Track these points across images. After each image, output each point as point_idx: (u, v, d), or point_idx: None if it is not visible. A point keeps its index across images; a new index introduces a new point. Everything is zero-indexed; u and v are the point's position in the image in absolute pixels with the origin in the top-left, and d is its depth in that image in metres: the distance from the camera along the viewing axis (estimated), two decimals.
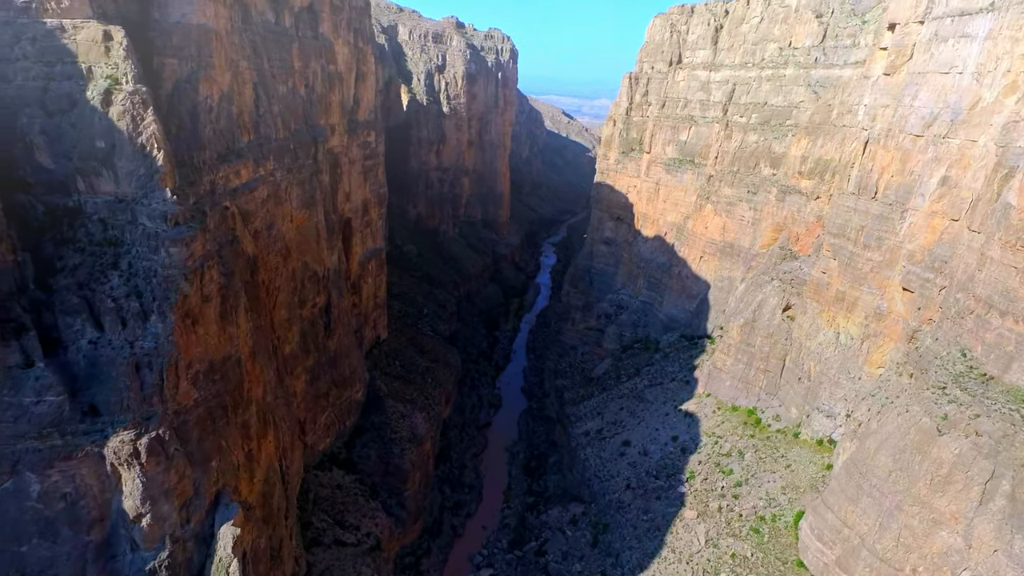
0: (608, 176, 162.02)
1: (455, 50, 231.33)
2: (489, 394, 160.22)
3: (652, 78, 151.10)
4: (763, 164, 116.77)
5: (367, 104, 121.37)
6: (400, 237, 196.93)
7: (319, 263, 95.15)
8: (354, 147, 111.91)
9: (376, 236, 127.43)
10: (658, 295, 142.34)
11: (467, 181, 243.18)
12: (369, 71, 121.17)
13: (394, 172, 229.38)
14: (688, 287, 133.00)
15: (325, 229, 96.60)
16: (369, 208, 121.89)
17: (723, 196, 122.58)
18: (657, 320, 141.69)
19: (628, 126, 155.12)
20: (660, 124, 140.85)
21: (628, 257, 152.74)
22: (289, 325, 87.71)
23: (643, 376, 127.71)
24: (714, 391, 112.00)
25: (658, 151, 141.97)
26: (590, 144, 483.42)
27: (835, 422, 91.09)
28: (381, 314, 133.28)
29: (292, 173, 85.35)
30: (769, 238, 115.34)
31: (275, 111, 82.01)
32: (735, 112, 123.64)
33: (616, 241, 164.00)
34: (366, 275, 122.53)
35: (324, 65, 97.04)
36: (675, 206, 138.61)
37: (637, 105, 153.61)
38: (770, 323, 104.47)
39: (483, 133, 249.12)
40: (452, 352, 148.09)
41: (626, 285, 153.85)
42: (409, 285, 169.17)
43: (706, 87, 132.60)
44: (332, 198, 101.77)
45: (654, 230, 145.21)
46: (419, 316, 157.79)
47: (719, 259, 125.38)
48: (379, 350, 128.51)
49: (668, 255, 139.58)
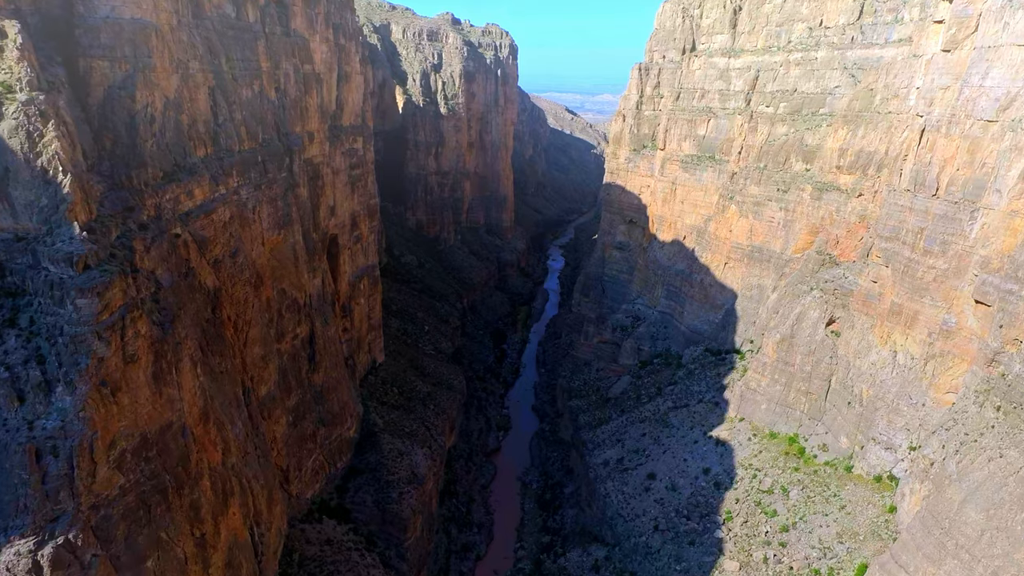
0: (619, 176, 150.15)
1: (451, 48, 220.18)
2: (498, 415, 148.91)
3: (664, 68, 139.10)
4: (794, 159, 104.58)
5: (353, 107, 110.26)
6: (399, 247, 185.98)
7: (299, 289, 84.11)
8: (338, 156, 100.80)
9: (368, 252, 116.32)
10: (678, 305, 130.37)
11: (468, 185, 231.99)
12: (354, 71, 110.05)
13: (391, 178, 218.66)
14: (712, 296, 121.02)
15: (305, 250, 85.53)
16: (359, 222, 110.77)
17: (749, 196, 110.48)
18: (678, 333, 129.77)
19: (639, 121, 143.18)
20: (675, 118, 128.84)
21: (643, 264, 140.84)
22: (265, 363, 76.67)
23: (666, 397, 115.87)
24: (748, 415, 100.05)
25: (673, 147, 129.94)
26: (595, 141, 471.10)
27: (896, 456, 78.98)
28: (377, 336, 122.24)
29: (261, 189, 74.30)
30: (804, 241, 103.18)
31: (238, 119, 70.97)
32: (760, 102, 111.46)
33: (629, 246, 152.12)
34: (358, 296, 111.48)
35: (298, 65, 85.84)
36: (694, 207, 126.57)
37: (648, 98, 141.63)
38: (811, 339, 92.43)
39: (483, 134, 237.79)
40: (456, 373, 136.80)
41: (642, 294, 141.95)
42: (408, 300, 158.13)
43: (725, 75, 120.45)
44: (313, 214, 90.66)
45: (671, 234, 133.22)
46: (420, 334, 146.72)
47: (747, 265, 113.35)
48: (375, 376, 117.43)
49: (688, 261, 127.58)
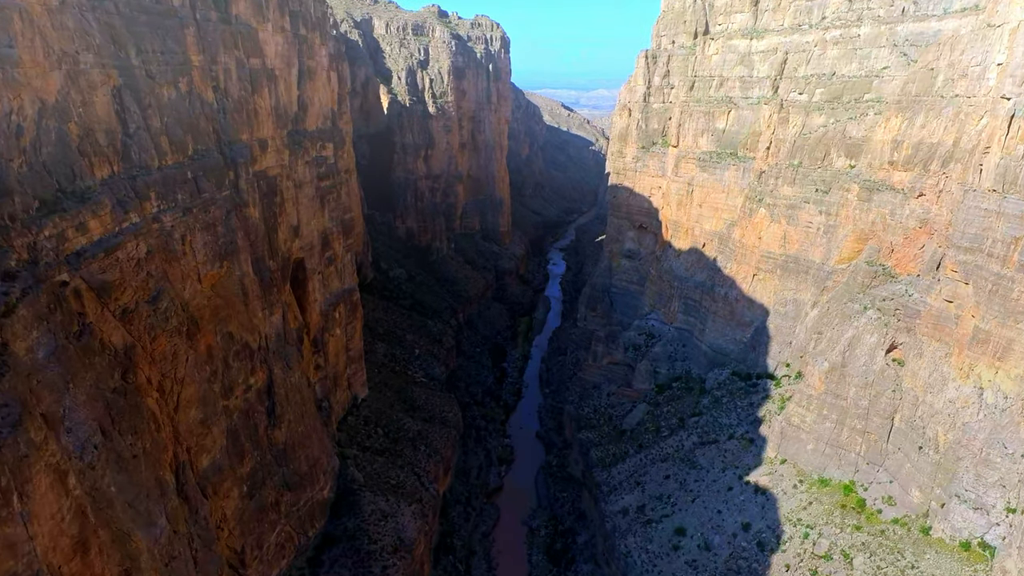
0: (625, 177, 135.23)
1: (438, 42, 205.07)
2: (499, 446, 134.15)
3: (673, 55, 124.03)
4: (835, 153, 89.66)
5: (319, 109, 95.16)
6: (386, 260, 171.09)
7: (251, 331, 69.19)
8: (301, 166, 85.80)
9: (344, 274, 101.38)
10: (698, 321, 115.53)
11: (461, 188, 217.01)
12: (319, 66, 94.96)
13: (378, 184, 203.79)
14: (738, 312, 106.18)
15: (257, 283, 70.63)
16: (331, 241, 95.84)
17: (782, 197, 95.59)
18: (699, 352, 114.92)
19: (647, 115, 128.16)
20: (689, 110, 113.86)
21: (656, 274, 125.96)
22: (206, 427, 61.77)
23: (690, 430, 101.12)
24: (791, 456, 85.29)
25: (688, 143, 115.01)
26: (593, 137, 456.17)
27: (989, 518, 64.23)
28: (357, 369, 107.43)
29: (193, 214, 59.36)
30: (850, 250, 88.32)
31: (156, 127, 56.14)
32: (790, 88, 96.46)
33: (640, 254, 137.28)
34: (332, 327, 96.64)
35: (242, 59, 70.79)
36: (715, 211, 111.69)
37: (657, 89, 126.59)
38: (868, 368, 77.60)
39: (476, 133, 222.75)
40: (450, 403, 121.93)
41: (656, 308, 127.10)
42: (397, 320, 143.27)
43: (747, 60, 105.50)
44: (268, 238, 75.68)
45: (688, 241, 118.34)
46: (409, 359, 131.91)
47: (780, 277, 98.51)
48: (356, 417, 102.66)
49: (709, 272, 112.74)
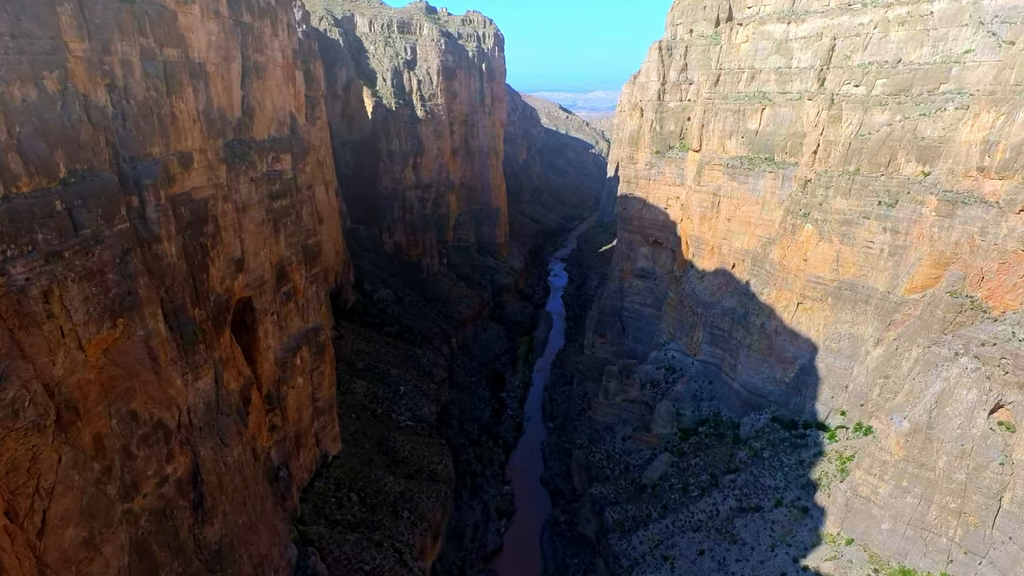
0: (638, 185, 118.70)
1: (427, 40, 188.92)
2: (498, 496, 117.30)
3: (692, 45, 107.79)
4: (904, 158, 73.14)
5: (273, 113, 78.40)
6: (371, 280, 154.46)
7: (164, 405, 52.39)
8: (245, 184, 69.03)
9: (309, 310, 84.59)
10: (728, 355, 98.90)
11: (454, 198, 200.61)
12: (272, 62, 78.30)
13: (363, 195, 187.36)
14: (778, 347, 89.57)
15: (174, 340, 53.96)
16: (290, 272, 79.04)
17: (834, 211, 79.04)
18: (729, 391, 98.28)
19: (662, 116, 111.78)
20: (714, 109, 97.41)
21: (676, 298, 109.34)
22: (92, 549, 45.15)
23: (725, 490, 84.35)
24: (860, 535, 68.59)
25: (713, 147, 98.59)
26: (592, 140, 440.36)
27: None
28: (328, 421, 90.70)
29: (65, 259, 42.85)
30: (925, 277, 71.74)
31: (4, 140, 39.89)
32: (842, 79, 79.96)
33: (655, 273, 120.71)
34: (292, 375, 79.81)
35: (152, 49, 54.12)
36: (747, 226, 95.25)
37: (673, 85, 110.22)
38: (965, 433, 60.98)
39: (469, 138, 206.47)
40: (440, 452, 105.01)
41: (676, 337, 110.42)
42: (380, 351, 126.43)
43: (784, 48, 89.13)
44: (194, 279, 59.02)
45: (715, 260, 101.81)
46: (393, 398, 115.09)
47: (831, 307, 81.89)
48: (325, 480, 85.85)
49: (741, 298, 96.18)
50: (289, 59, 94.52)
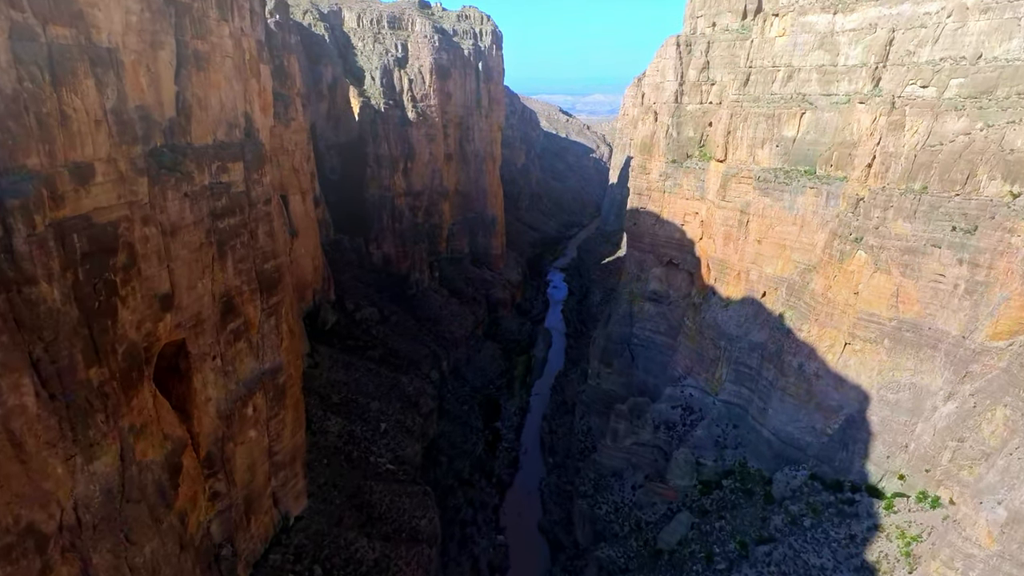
0: (651, 198, 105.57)
1: (419, 36, 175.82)
2: (490, 549, 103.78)
3: (716, 41, 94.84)
4: (987, 175, 60.03)
5: (220, 114, 64.85)
6: (353, 296, 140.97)
7: (39, 503, 39.16)
8: (175, 202, 55.56)
9: (266, 348, 71.06)
10: (757, 397, 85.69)
11: (447, 206, 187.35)
12: (218, 51, 64.89)
13: (350, 203, 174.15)
14: (819, 392, 76.36)
15: (52, 417, 40.54)
16: (240, 305, 65.51)
17: (893, 236, 65.96)
18: (758, 439, 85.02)
19: (679, 120, 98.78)
20: (742, 113, 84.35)
21: (695, 327, 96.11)
22: None
23: (758, 566, 70.94)
24: None
25: (742, 157, 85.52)
26: (593, 144, 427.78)
27: None
28: (291, 477, 77.12)
29: None
30: (1014, 320, 58.55)
31: None
32: (904, 79, 66.83)
33: (669, 297, 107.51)
34: (242, 428, 66.24)
35: (36, 28, 41.05)
36: (781, 250, 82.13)
37: (693, 86, 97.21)
38: None
39: (464, 142, 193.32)
40: (424, 504, 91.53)
41: (694, 371, 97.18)
42: (360, 381, 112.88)
43: (829, 43, 76.11)
44: (91, 329, 45.69)
45: (741, 287, 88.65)
46: (373, 438, 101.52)
47: (888, 350, 68.72)
48: (283, 550, 72.19)
49: (773, 332, 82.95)
50: (250, 50, 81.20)
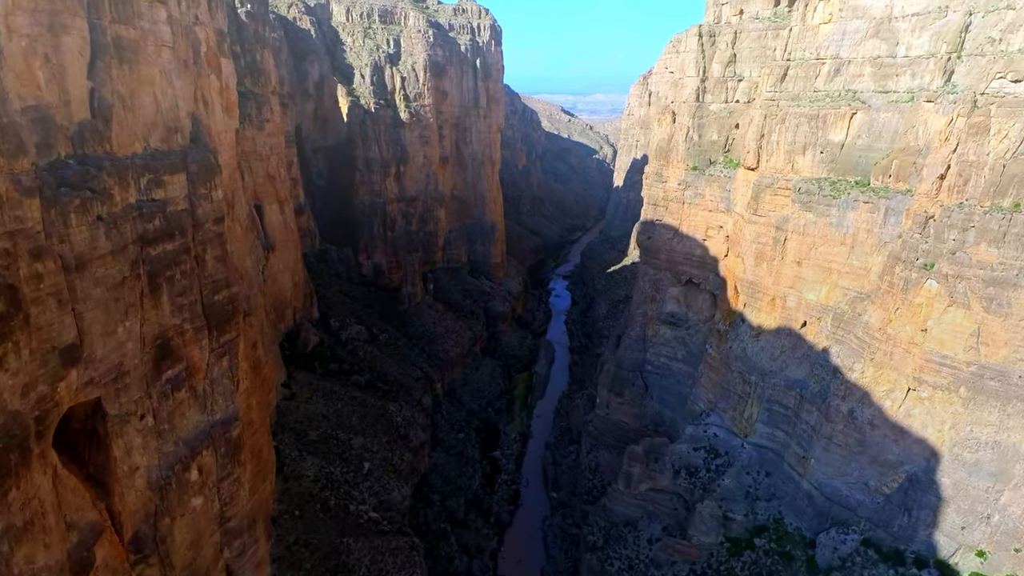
0: (668, 210, 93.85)
1: (412, 31, 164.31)
2: None
3: (743, 31, 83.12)
4: None
5: (153, 115, 53.03)
6: (339, 313, 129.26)
7: None
8: (84, 228, 43.74)
9: (215, 396, 59.19)
10: (795, 443, 73.94)
11: (443, 213, 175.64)
12: (152, 38, 53.30)
13: (339, 210, 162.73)
14: (874, 444, 64.64)
15: None
16: (179, 348, 53.98)
17: (975, 263, 54.23)
18: (796, 492, 73.25)
19: (701, 121, 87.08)
20: (779, 113, 72.63)
21: (720, 358, 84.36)
22: None
23: None
24: None
25: (777, 164, 73.80)
26: (597, 144, 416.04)
27: None
28: (249, 544, 65.24)
29: None
30: None
31: None
32: (989, 72, 54.92)
33: (688, 320, 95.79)
34: (183, 499, 54.43)
35: None
36: (826, 273, 70.37)
37: (717, 82, 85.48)
38: None
39: (461, 144, 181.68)
40: (412, 562, 79.75)
41: (718, 407, 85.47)
42: (343, 413, 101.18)
43: (886, 30, 64.40)
44: None
45: (777, 315, 76.89)
46: (354, 481, 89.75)
47: (965, 401, 56.92)
48: None
49: (816, 370, 71.19)
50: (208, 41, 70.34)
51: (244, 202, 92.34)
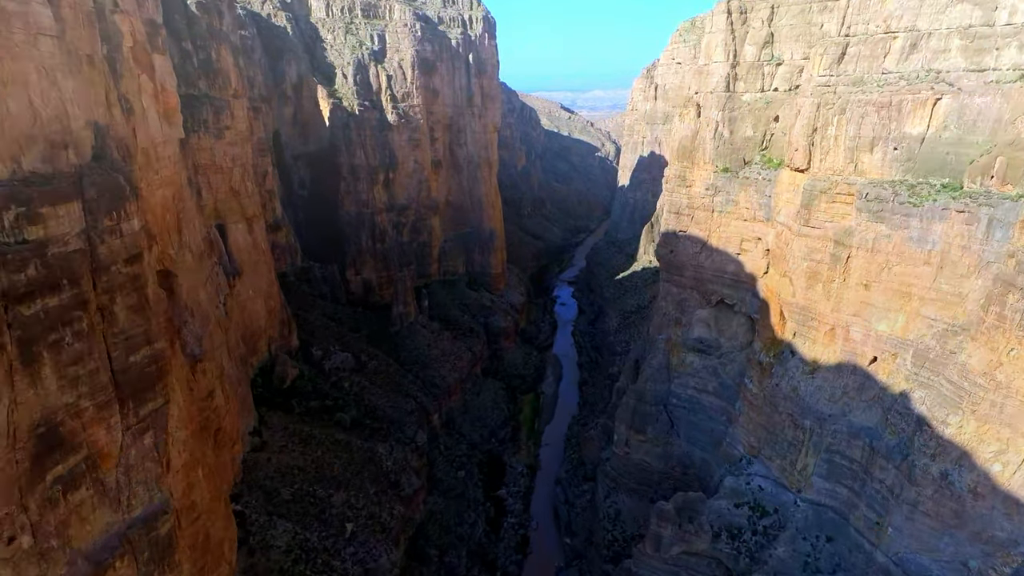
0: (693, 219, 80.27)
1: (398, 25, 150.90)
2: None
3: (781, 5, 69.46)
4: None
5: (26, 128, 39.56)
6: (322, 341, 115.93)
7: None
8: None
9: (132, 488, 46.48)
10: (864, 503, 60.40)
11: (437, 221, 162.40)
12: (23, 26, 40.10)
13: (323, 222, 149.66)
14: (977, 516, 51.13)
15: None
16: (71, 435, 40.68)
17: None
18: (867, 564, 59.59)
19: (733, 114, 73.46)
20: (837, 102, 59.09)
21: (763, 395, 70.84)
22: None
23: None
24: None
25: (836, 164, 60.19)
26: (598, 142, 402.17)
27: None
28: None
29: None
30: None
31: None
32: None
33: (720, 347, 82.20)
34: None
35: None
36: (904, 299, 56.76)
37: (751, 67, 71.88)
38: None
39: (455, 146, 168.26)
40: None
41: (763, 453, 71.96)
42: (323, 461, 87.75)
43: None
44: None
45: (837, 348, 63.29)
46: (335, 547, 76.35)
47: None
48: None
49: (892, 419, 57.61)
50: (134, 34, 57.42)
51: (198, 224, 79.12)
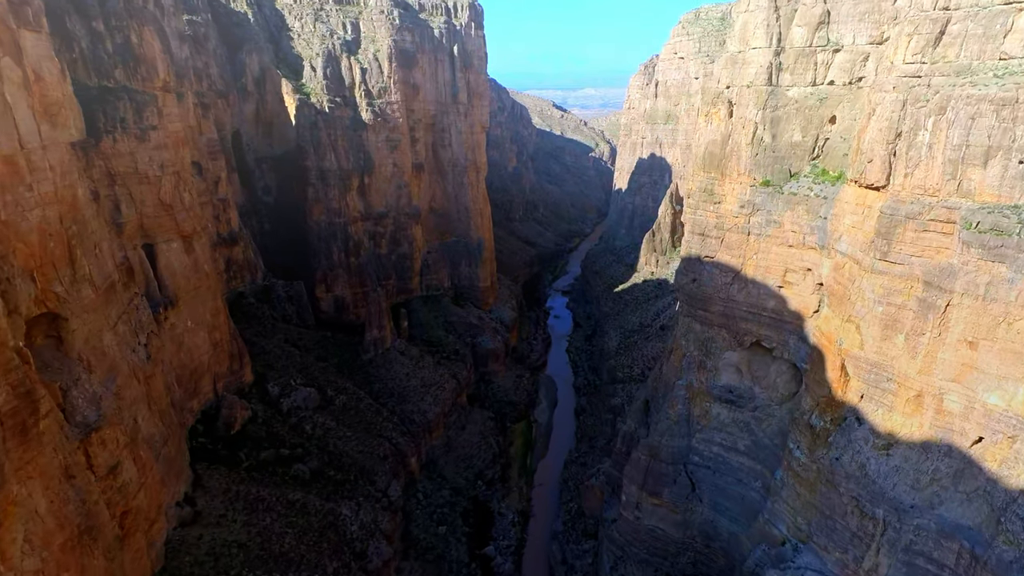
0: (723, 242, 65.37)
1: (374, 12, 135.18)
2: None
3: None
4: None
5: None
6: (282, 374, 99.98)
7: None
8: None
9: None
10: None
11: (419, 231, 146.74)
12: None
13: (290, 233, 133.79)
14: None
15: None
16: None
17: None
18: None
19: (776, 113, 58.68)
20: (932, 99, 44.62)
21: (815, 467, 56.28)
22: None
23: None
24: None
25: (928, 180, 45.64)
26: (592, 141, 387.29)
27: None
28: None
29: None
30: None
31: None
32: None
33: (753, 397, 67.45)
34: None
35: None
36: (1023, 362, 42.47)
37: (800, 55, 57.08)
38: None
39: (439, 148, 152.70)
40: None
41: (814, 538, 57.29)
42: (270, 531, 72.19)
43: None
44: None
45: (926, 420, 48.74)
46: None
47: None
48: None
49: (1004, 519, 43.10)
50: None
51: (108, 249, 63.37)
